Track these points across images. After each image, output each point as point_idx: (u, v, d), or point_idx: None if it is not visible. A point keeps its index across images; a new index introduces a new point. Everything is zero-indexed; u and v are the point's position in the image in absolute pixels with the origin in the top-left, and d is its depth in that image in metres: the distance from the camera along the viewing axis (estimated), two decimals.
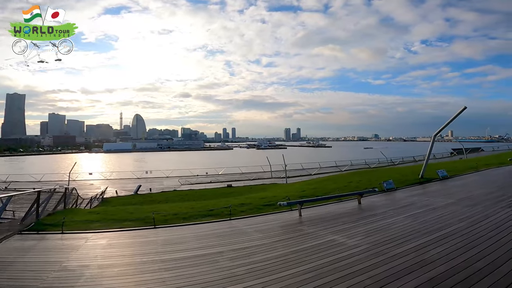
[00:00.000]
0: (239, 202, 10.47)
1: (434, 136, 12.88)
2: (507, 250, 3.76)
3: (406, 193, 9.52)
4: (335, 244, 4.84)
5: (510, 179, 9.91)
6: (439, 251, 4.05)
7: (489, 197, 7.28)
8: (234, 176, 29.43)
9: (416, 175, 12.45)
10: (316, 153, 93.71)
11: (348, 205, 8.46)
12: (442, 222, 5.59)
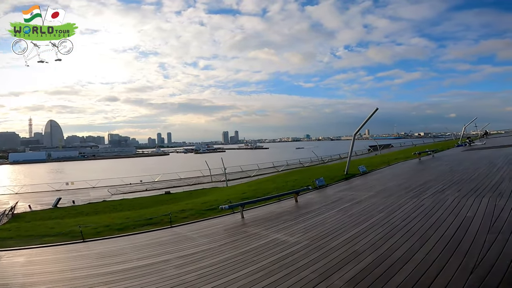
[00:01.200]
0: (179, 208, 10.19)
1: (354, 135, 14.56)
2: (418, 239, 4.30)
3: (335, 189, 10.50)
4: (279, 243, 5.09)
5: (414, 171, 11.81)
6: (366, 241, 4.49)
7: (400, 188, 8.54)
8: (172, 182, 28.20)
9: (342, 171, 13.85)
10: (255, 155, 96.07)
11: (287, 203, 8.95)
12: (366, 214, 6.28)
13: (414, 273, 3.21)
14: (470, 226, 4.49)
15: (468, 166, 10.72)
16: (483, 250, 3.54)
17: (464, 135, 34.87)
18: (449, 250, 3.68)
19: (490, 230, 4.18)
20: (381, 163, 16.60)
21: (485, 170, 9.42)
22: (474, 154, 14.96)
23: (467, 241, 3.91)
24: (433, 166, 12.29)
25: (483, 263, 3.21)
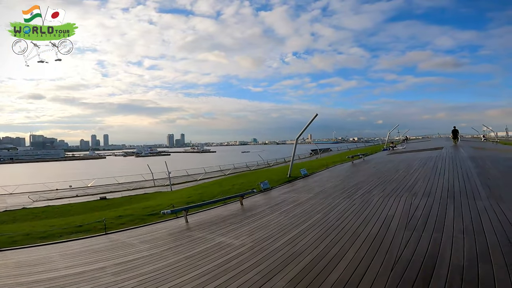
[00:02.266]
0: (116, 214, 9.56)
1: (296, 140, 15.39)
2: (349, 237, 4.66)
3: (279, 192, 10.92)
4: (224, 246, 5.13)
5: (348, 173, 12.95)
6: (305, 241, 4.74)
7: (336, 190, 9.28)
8: (109, 187, 26.02)
9: (286, 174, 14.49)
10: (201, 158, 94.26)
11: (233, 207, 9.03)
12: (306, 215, 6.63)
13: (346, 271, 3.47)
14: (391, 224, 5.07)
15: (390, 168, 12.18)
16: (401, 247, 3.98)
17: (388, 140, 39.55)
18: (374, 248, 4.08)
19: (406, 227, 4.77)
20: (321, 166, 17.81)
21: (403, 172, 10.79)
22: (396, 157, 17.07)
23: (388, 238, 4.38)
24: (363, 169, 13.65)
25: (401, 260, 3.57)
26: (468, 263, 3.32)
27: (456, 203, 5.90)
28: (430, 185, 7.90)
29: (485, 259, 3.36)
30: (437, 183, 8.06)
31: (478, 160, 12.09)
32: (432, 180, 8.55)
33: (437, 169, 10.37)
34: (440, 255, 3.59)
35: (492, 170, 9.65)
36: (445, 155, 14.70)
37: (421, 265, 3.38)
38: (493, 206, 5.45)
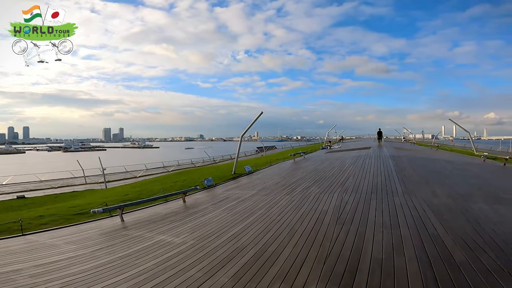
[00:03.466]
0: (36, 214, 8.59)
1: (241, 137, 15.62)
2: (288, 232, 4.90)
3: (223, 188, 10.96)
4: (164, 244, 4.99)
5: (289, 170, 13.62)
6: (248, 237, 4.86)
7: (277, 186, 9.69)
8: (29, 185, 22.80)
9: (230, 171, 14.60)
10: (143, 154, 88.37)
11: (174, 204, 8.80)
12: (249, 211, 6.79)
13: (285, 265, 3.62)
14: (324, 219, 5.49)
15: (327, 166, 13.19)
16: (332, 241, 4.32)
17: (326, 140, 42.71)
18: (309, 242, 4.34)
19: (337, 222, 5.22)
20: (265, 163, 18.36)
21: (337, 169, 11.79)
22: (332, 155, 18.53)
23: (322, 233, 4.71)
24: (303, 166, 14.49)
25: (332, 253, 3.83)
26: (386, 255, 3.68)
27: (378, 198, 6.69)
28: (358, 181, 8.81)
29: (400, 252, 3.76)
30: (364, 180, 9.02)
31: (397, 159, 13.87)
32: (361, 177, 9.54)
33: (365, 167, 11.59)
34: (364, 248, 3.97)
35: (408, 168, 11.18)
36: (372, 154, 16.48)
37: (348, 258, 3.66)
38: (407, 201, 6.32)
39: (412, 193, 7.05)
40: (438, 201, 6.28)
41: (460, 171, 11.27)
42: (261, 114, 14.65)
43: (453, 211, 5.59)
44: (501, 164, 14.89)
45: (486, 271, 3.15)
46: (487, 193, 7.33)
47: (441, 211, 5.52)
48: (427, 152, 21.70)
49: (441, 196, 6.77)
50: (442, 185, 8.07)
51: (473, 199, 6.51)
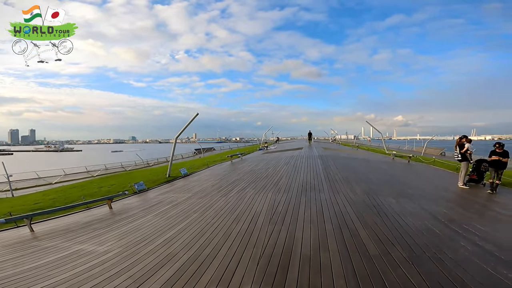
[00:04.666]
0: None
1: (175, 139, 15.08)
2: (223, 234, 4.95)
3: (156, 192, 10.42)
4: (84, 253, 4.60)
5: (226, 172, 13.67)
6: (181, 242, 4.74)
7: (214, 188, 9.65)
8: None
9: (165, 174, 13.96)
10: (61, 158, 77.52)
11: (98, 211, 8.11)
12: (183, 215, 6.62)
13: (220, 269, 3.62)
14: (258, 219, 5.68)
15: (262, 167, 13.68)
16: (265, 241, 4.47)
17: (263, 141, 44.20)
18: (244, 244, 4.42)
19: (270, 221, 5.44)
20: (202, 165, 18.06)
21: (272, 170, 12.34)
22: (268, 156, 19.27)
23: (256, 233, 4.85)
24: (240, 167, 14.73)
25: (265, 254, 3.94)
26: (313, 252, 3.92)
27: (307, 196, 7.24)
28: (290, 181, 9.38)
29: (325, 248, 4.05)
30: (295, 179, 9.65)
31: (324, 158, 15.20)
32: (293, 176, 10.17)
33: (296, 167, 12.39)
34: (294, 246, 4.20)
35: (333, 166, 12.36)
36: (303, 154, 17.72)
37: (280, 257, 3.80)
38: (331, 198, 7.00)
39: (336, 190, 7.83)
40: (356, 197, 7.09)
41: (374, 169, 12.90)
42: (197, 115, 14.38)
43: (367, 206, 6.34)
44: (406, 162, 17.55)
45: (395, 264, 3.55)
46: (395, 188, 8.54)
47: (358, 207, 6.24)
48: (349, 151, 24.25)
49: (359, 192, 7.66)
50: (359, 182, 9.13)
51: (383, 194, 7.51)
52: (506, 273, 3.30)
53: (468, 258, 3.72)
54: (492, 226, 5.23)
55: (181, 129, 14.49)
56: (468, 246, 4.17)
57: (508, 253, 3.87)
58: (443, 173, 12.82)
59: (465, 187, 9.16)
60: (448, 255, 3.80)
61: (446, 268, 3.42)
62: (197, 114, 14.38)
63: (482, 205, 7.06)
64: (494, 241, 4.36)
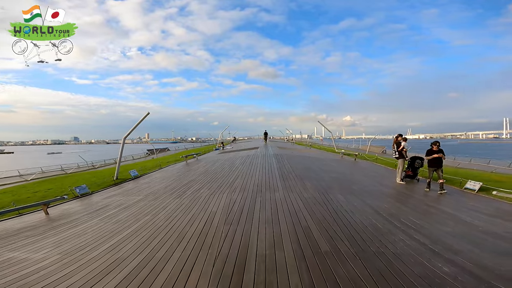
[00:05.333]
0: None
1: (124, 139, 14.18)
2: (177, 236, 4.80)
3: (102, 196, 9.69)
4: (15, 262, 4.20)
5: (180, 173, 13.23)
6: (131, 246, 4.51)
7: (167, 190, 9.28)
8: None
9: (112, 177, 13.03)
10: None
11: (32, 217, 7.41)
12: (133, 218, 6.28)
13: (174, 272, 3.49)
14: (214, 220, 5.59)
15: (218, 167, 13.53)
16: (221, 241, 4.40)
17: (220, 141, 43.83)
18: (199, 245, 4.32)
19: (226, 222, 5.39)
20: (155, 166, 17.26)
21: (228, 169, 12.28)
22: (224, 156, 19.15)
23: (211, 234, 4.76)
24: (195, 168, 14.38)
25: (221, 254, 3.88)
26: (269, 251, 3.92)
27: (262, 195, 7.33)
28: (246, 180, 9.43)
29: (280, 247, 4.07)
30: (251, 178, 9.73)
31: (279, 157, 15.61)
32: (248, 176, 10.24)
33: (252, 166, 12.52)
34: (250, 246, 4.19)
35: (287, 165, 12.74)
36: (259, 153, 17.99)
37: (236, 258, 3.77)
38: (285, 196, 7.17)
39: (290, 188, 8.06)
40: (308, 195, 7.37)
41: (324, 167, 13.59)
42: (148, 115, 13.69)
43: (319, 203, 6.63)
44: (353, 159, 18.86)
45: (344, 259, 3.68)
46: (343, 185, 9.06)
47: (310, 204, 6.49)
48: (302, 150, 25.28)
49: (311, 190, 7.98)
50: (312, 179, 9.55)
51: (333, 191, 7.93)
52: (440, 266, 3.59)
53: (406, 251, 4.03)
54: (425, 219, 5.76)
55: (130, 129, 13.67)
56: (406, 239, 4.50)
57: (438, 246, 4.26)
58: (384, 170, 14.05)
59: (402, 183, 10.14)
60: (389, 249, 4.08)
61: (388, 262, 3.65)
62: (148, 114, 13.70)
63: (416, 199, 7.84)
64: (427, 234, 4.79)
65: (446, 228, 5.17)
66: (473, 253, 4.02)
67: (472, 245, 4.34)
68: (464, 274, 3.36)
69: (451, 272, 3.41)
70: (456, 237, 4.68)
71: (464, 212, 6.45)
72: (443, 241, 4.46)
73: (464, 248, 4.18)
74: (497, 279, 3.23)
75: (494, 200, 7.82)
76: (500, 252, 4.08)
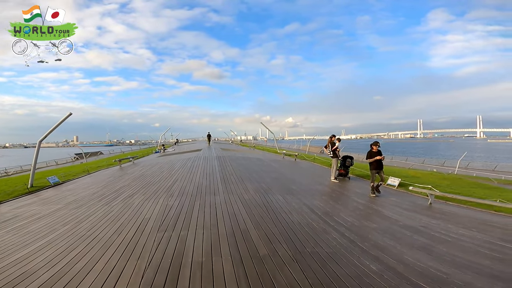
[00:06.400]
0: None
1: (39, 142, 12.34)
2: (101, 246, 4.37)
3: (12, 206, 8.30)
4: None
5: (112, 178, 12.05)
6: (43, 259, 4.05)
7: (94, 197, 8.33)
8: None
9: (26, 184, 11.25)
10: None
11: None
12: (48, 229, 5.55)
13: (95, 284, 3.18)
14: (146, 227, 5.16)
15: (156, 171, 12.72)
16: (152, 250, 4.09)
17: (161, 143, 41.60)
18: (127, 255, 3.98)
19: (160, 229, 5.01)
20: (81, 171, 15.47)
21: (166, 173, 11.61)
22: (164, 159, 18.16)
23: (142, 242, 4.39)
24: (130, 172, 13.28)
25: (152, 264, 3.62)
26: (205, 258, 3.74)
27: (202, 200, 7.03)
28: (185, 184, 9.01)
29: (217, 253, 3.91)
30: (191, 182, 9.33)
31: (222, 159, 15.41)
32: (188, 179, 9.82)
33: (193, 169, 12.07)
34: (185, 253, 3.95)
35: (229, 167, 12.62)
36: (201, 155, 17.51)
37: (169, 267, 3.54)
38: (226, 199, 6.99)
39: (230, 191, 7.94)
40: (248, 197, 7.32)
41: (266, 167, 13.80)
42: (70, 115, 12.18)
43: (258, 205, 6.59)
44: (293, 160, 19.63)
45: (282, 263, 3.62)
46: (283, 185, 9.22)
47: (250, 206, 6.42)
48: (246, 151, 25.47)
49: (251, 191, 7.96)
50: (253, 181, 9.58)
51: (273, 192, 8.03)
52: (368, 264, 3.68)
53: (338, 250, 4.14)
54: (354, 216, 6.13)
55: (48, 131, 11.98)
56: (338, 238, 4.66)
57: (366, 243, 4.49)
58: (320, 169, 14.93)
59: (336, 181, 10.89)
60: (323, 249, 4.16)
61: (322, 263, 3.67)
62: (70, 114, 12.19)
63: (347, 197, 8.42)
64: (356, 231, 5.06)
65: (372, 225, 5.56)
66: (396, 249, 4.31)
67: (394, 240, 4.67)
68: (388, 272, 3.49)
69: (378, 269, 3.54)
70: (381, 233, 5.01)
71: (387, 208, 7.14)
72: (370, 238, 4.73)
73: (387, 244, 4.46)
74: (416, 274, 3.43)
75: (410, 195, 8.84)
76: (417, 247, 4.42)
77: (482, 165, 32.50)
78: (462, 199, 8.29)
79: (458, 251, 4.27)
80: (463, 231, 5.34)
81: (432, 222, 5.98)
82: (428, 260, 3.90)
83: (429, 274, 3.46)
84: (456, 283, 3.26)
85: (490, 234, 5.22)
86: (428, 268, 3.64)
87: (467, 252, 4.24)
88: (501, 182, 20.02)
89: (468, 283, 3.27)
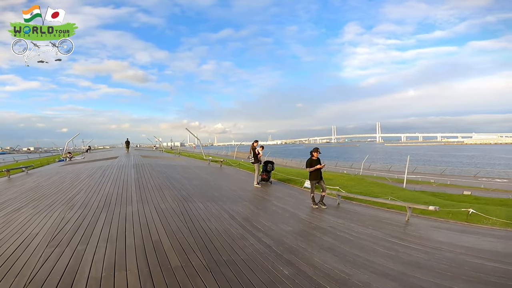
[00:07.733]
0: None
1: None
2: None
3: None
4: None
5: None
6: None
7: None
8: None
9: None
10: None
11: None
12: None
13: None
14: (32, 242, 4.41)
15: (55, 181, 10.91)
16: (36, 266, 3.52)
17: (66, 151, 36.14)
18: (2, 272, 3.40)
19: (49, 244, 4.31)
20: None
21: (68, 184, 10.06)
22: (68, 168, 15.75)
23: (23, 259, 3.76)
24: (20, 184, 11.06)
25: (35, 281, 3.16)
26: (106, 273, 3.37)
27: (110, 211, 6.28)
28: (91, 195, 7.92)
29: (121, 267, 3.54)
30: (98, 192, 8.27)
31: (140, 167, 14.23)
32: (95, 190, 8.67)
33: (103, 178, 10.77)
34: (80, 269, 3.46)
35: (147, 175, 11.72)
36: (116, 163, 15.83)
37: (58, 283, 3.12)
38: (139, 209, 6.40)
39: (146, 200, 7.32)
40: (165, 206, 6.86)
41: (189, 174, 13.30)
42: None
43: (176, 213, 6.21)
44: (218, 166, 19.53)
45: (195, 274, 3.42)
46: (205, 193, 8.95)
47: (166, 216, 6.00)
48: (169, 158, 24.22)
49: (169, 200, 7.51)
50: (172, 189, 9.06)
51: (193, 200, 7.70)
52: (281, 269, 3.69)
53: (254, 257, 4.04)
54: (272, 220, 6.27)
55: None
56: (254, 244, 4.65)
57: (281, 247, 4.56)
58: (245, 175, 15.21)
59: (258, 186, 11.22)
60: (239, 256, 4.08)
61: (237, 270, 3.58)
62: None
63: (267, 201, 8.73)
64: (273, 236, 5.14)
65: (287, 228, 5.75)
66: (307, 251, 4.47)
67: (306, 243, 4.89)
68: (299, 276, 3.51)
69: (290, 274, 3.57)
70: (295, 236, 5.21)
71: (301, 210, 7.63)
72: (285, 242, 4.85)
73: (299, 247, 4.62)
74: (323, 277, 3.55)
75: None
76: (325, 248, 4.68)
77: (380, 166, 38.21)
78: (363, 199, 9.52)
79: (358, 250, 4.64)
80: (362, 229, 5.98)
81: (338, 221, 6.60)
82: (334, 261, 4.11)
83: (335, 276, 3.59)
84: (356, 284, 3.41)
85: (383, 231, 5.95)
86: (333, 269, 3.80)
87: (366, 251, 4.62)
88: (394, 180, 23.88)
89: (365, 283, 3.45)
